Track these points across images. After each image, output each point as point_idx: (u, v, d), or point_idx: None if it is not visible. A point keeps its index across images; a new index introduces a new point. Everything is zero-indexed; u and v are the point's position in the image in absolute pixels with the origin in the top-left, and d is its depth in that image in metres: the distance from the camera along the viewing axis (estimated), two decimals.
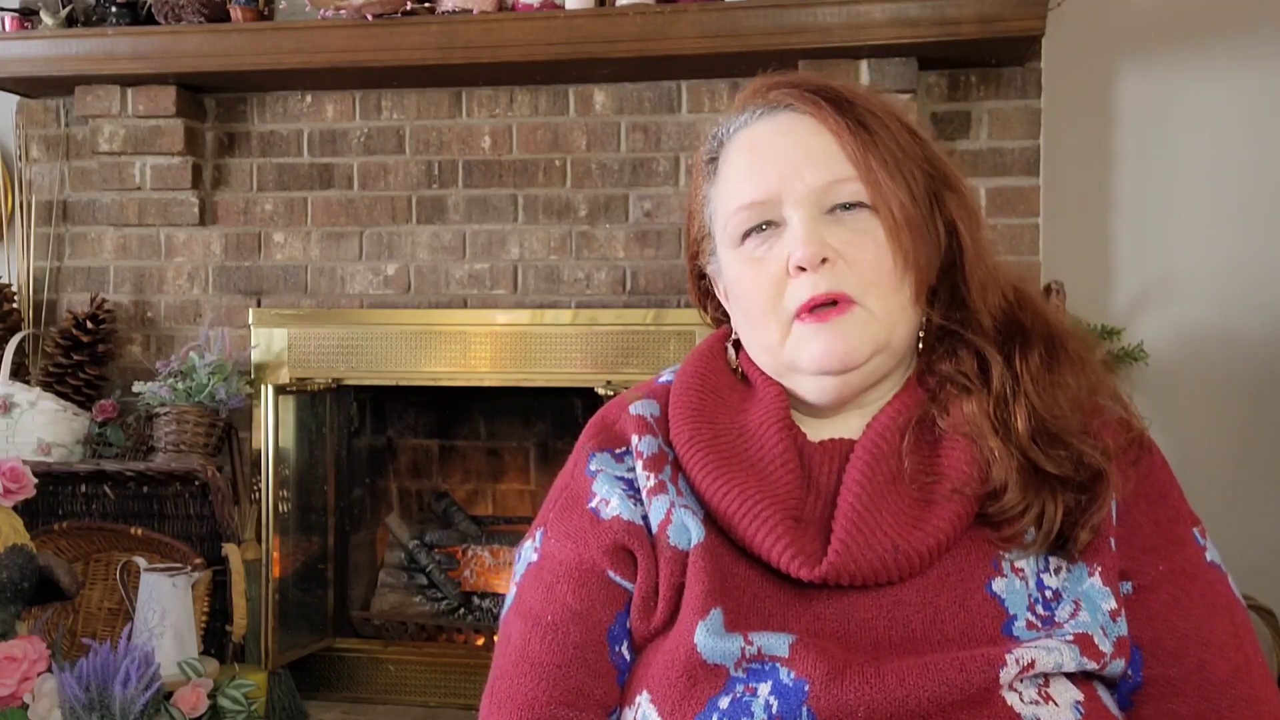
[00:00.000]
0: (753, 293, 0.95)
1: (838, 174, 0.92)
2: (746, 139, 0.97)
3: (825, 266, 0.91)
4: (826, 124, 0.93)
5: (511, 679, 0.92)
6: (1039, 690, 0.83)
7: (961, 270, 0.95)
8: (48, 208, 2.93)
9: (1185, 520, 0.94)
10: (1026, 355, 0.93)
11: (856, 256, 0.92)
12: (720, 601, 0.88)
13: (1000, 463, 0.88)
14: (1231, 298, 2.58)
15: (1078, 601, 0.87)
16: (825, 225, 0.92)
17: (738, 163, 0.97)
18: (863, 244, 0.92)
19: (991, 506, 0.89)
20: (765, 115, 0.97)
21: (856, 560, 0.86)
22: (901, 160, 0.93)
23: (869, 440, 0.93)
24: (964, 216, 0.96)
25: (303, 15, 2.68)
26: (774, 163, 0.94)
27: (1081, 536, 0.88)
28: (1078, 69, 2.61)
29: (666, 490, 0.94)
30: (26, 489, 2.17)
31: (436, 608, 2.95)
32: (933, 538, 0.87)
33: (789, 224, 0.93)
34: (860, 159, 0.92)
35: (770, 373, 0.99)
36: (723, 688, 0.85)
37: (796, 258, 0.91)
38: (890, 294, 0.92)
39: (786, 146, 0.94)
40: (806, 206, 0.92)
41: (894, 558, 0.87)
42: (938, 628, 0.86)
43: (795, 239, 0.92)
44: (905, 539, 0.87)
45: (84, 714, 2.01)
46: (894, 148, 0.93)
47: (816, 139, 0.93)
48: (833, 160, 0.93)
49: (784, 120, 0.96)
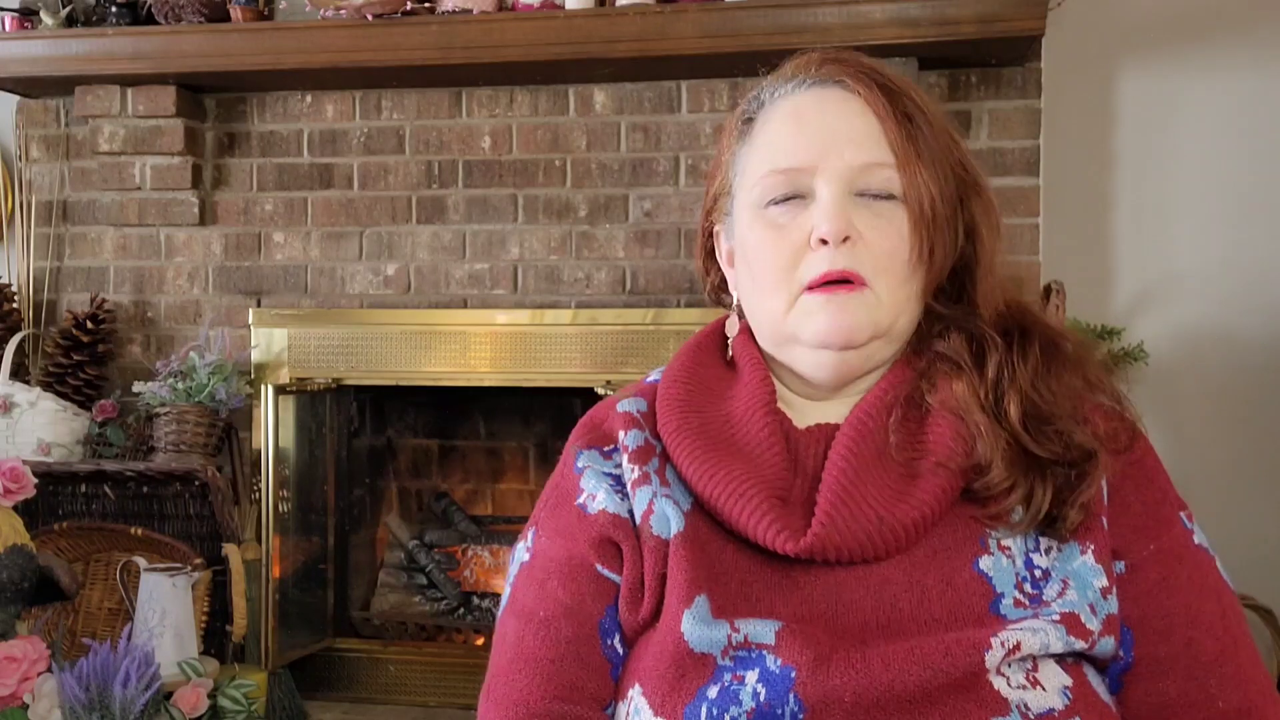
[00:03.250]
0: (768, 257, 0.95)
1: (877, 157, 0.93)
2: (791, 106, 0.97)
3: (846, 245, 0.92)
4: (875, 108, 0.94)
5: (507, 676, 0.93)
6: (1027, 675, 0.84)
7: (972, 274, 0.96)
8: (48, 208, 2.93)
9: (1173, 503, 0.94)
10: (1026, 348, 0.93)
11: (877, 241, 0.92)
12: (706, 588, 0.89)
13: (985, 438, 0.89)
14: (1231, 298, 2.58)
15: (1066, 580, 0.88)
16: (853, 206, 0.93)
17: (779, 128, 0.97)
18: (885, 231, 0.93)
19: (977, 482, 0.89)
20: (814, 87, 0.97)
21: (841, 533, 0.87)
22: (938, 157, 0.94)
23: (855, 419, 0.94)
24: (986, 222, 0.97)
25: (303, 15, 2.68)
26: (817, 134, 0.94)
27: (1071, 516, 0.88)
28: (1078, 69, 2.61)
29: (650, 481, 0.95)
30: (26, 489, 2.17)
31: (436, 608, 2.95)
32: (917, 510, 0.88)
33: (818, 198, 0.93)
34: (901, 148, 0.93)
35: (768, 344, 0.99)
36: (711, 676, 0.86)
37: (822, 230, 0.92)
38: (900, 284, 0.93)
39: (832, 121, 0.94)
40: (839, 184, 0.93)
41: (879, 530, 0.87)
42: (925, 607, 0.87)
43: (823, 213, 0.92)
44: (890, 511, 0.88)
45: (84, 714, 2.01)
46: (933, 144, 0.94)
47: (862, 120, 0.94)
48: (874, 143, 0.93)
49: (832, 95, 0.96)
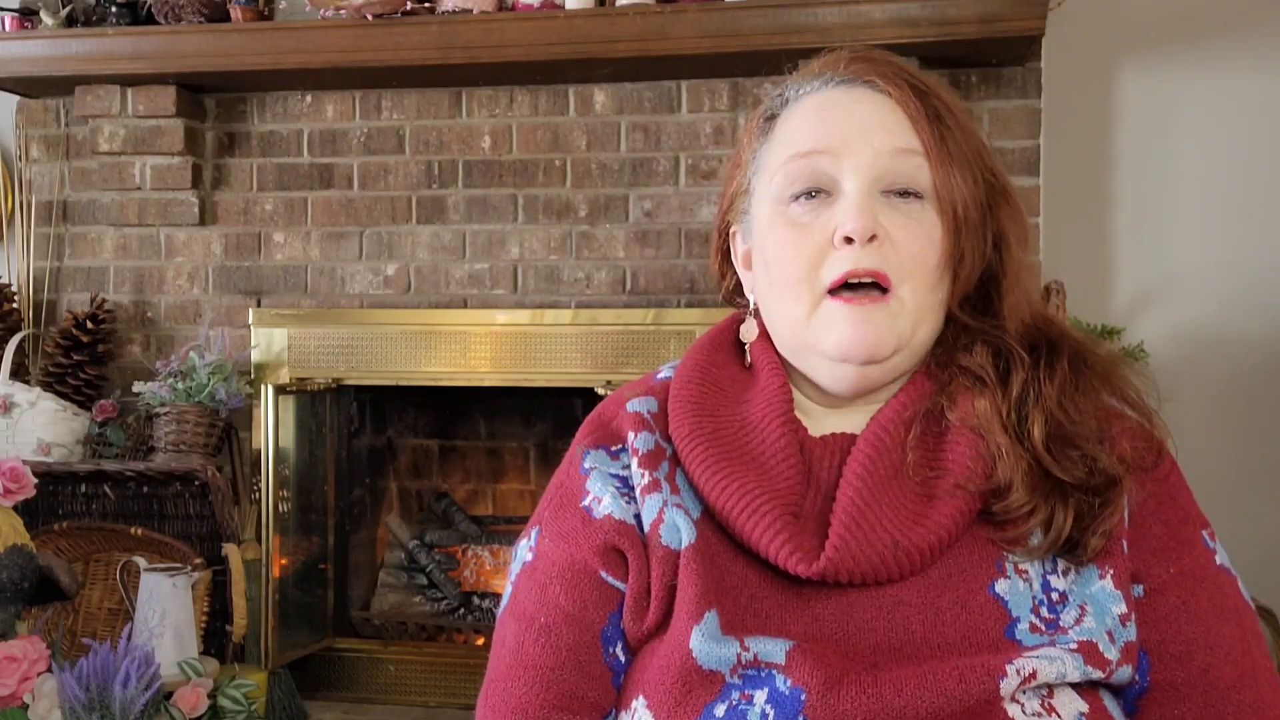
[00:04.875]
0: (789, 256, 0.92)
1: (908, 143, 0.90)
2: (817, 101, 0.94)
3: (873, 244, 0.88)
4: (906, 107, 0.91)
5: (506, 682, 0.91)
6: (1042, 702, 0.81)
7: (998, 285, 0.93)
8: (48, 208, 2.93)
9: (1195, 523, 0.91)
10: (1053, 364, 0.91)
11: (905, 242, 0.89)
12: (716, 603, 0.86)
13: (1006, 460, 0.86)
14: (1231, 297, 2.58)
15: (1084, 606, 0.85)
16: (880, 204, 0.90)
17: (803, 118, 0.94)
18: (913, 232, 0.89)
19: (996, 505, 0.86)
20: (842, 85, 0.94)
21: (855, 556, 0.84)
22: (970, 160, 0.91)
23: (872, 434, 0.91)
24: (1015, 231, 0.93)
25: (303, 15, 2.68)
26: (843, 123, 0.91)
27: (1093, 543, 0.85)
28: (1078, 69, 2.61)
29: (660, 488, 0.92)
30: (26, 489, 2.17)
31: (436, 608, 2.95)
32: (934, 534, 0.85)
33: (843, 194, 0.90)
34: (935, 146, 0.90)
35: (786, 350, 0.96)
36: (718, 694, 0.84)
37: (847, 228, 0.88)
38: (926, 290, 0.90)
39: (860, 113, 0.92)
40: (866, 177, 0.90)
41: (893, 554, 0.84)
42: (938, 630, 0.84)
43: (849, 210, 0.89)
44: (905, 535, 0.85)
45: (84, 714, 2.01)
46: (965, 147, 0.91)
47: (893, 116, 0.91)
48: (906, 131, 0.90)
49: (861, 93, 0.93)
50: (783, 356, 0.97)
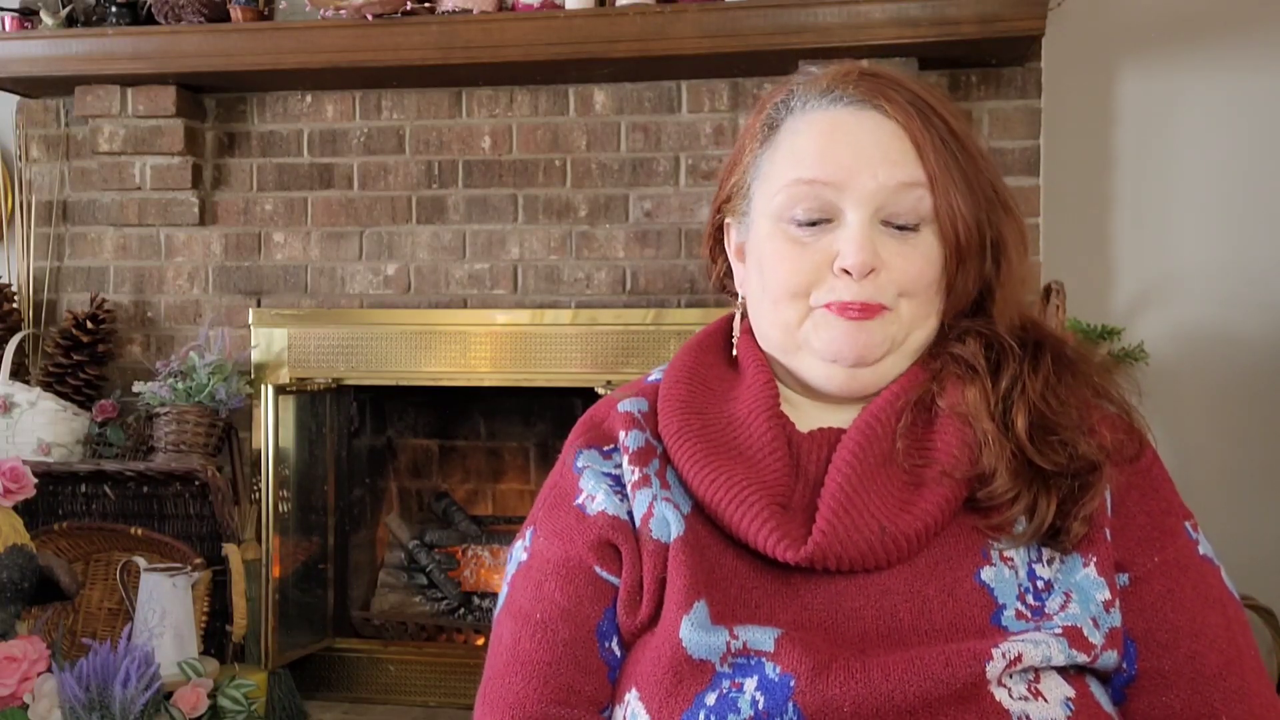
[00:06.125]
0: (786, 270, 0.94)
1: (910, 176, 0.91)
2: (825, 119, 0.95)
3: (870, 276, 0.91)
4: (912, 134, 0.92)
5: (503, 679, 0.92)
6: (1029, 686, 0.83)
7: (992, 292, 0.95)
8: (48, 208, 2.93)
9: (1178, 514, 0.94)
10: (1038, 360, 0.93)
11: (902, 268, 0.91)
12: (705, 594, 0.88)
13: (991, 448, 0.88)
14: (1231, 297, 2.58)
15: (1069, 593, 0.87)
16: (880, 234, 0.92)
17: (809, 139, 0.95)
18: (912, 258, 0.92)
19: (980, 492, 0.89)
20: (850, 107, 0.94)
21: (843, 542, 0.86)
22: (974, 183, 0.93)
23: (863, 422, 0.92)
24: (1014, 243, 0.95)
25: (303, 15, 2.68)
26: (850, 152, 0.92)
27: (1075, 528, 0.87)
28: (1078, 69, 2.61)
29: (650, 484, 0.94)
30: (26, 489, 2.17)
31: (436, 608, 2.95)
32: (920, 521, 0.87)
33: (846, 224, 0.92)
34: (939, 174, 0.91)
35: (774, 349, 0.98)
36: (709, 683, 0.85)
37: (848, 262, 0.90)
38: (921, 305, 0.93)
39: (868, 143, 0.92)
40: (868, 209, 0.91)
41: (881, 540, 0.86)
42: (926, 617, 0.86)
43: (850, 241, 0.91)
44: (892, 521, 0.87)
45: (84, 714, 2.01)
46: (970, 170, 0.93)
47: (899, 144, 0.92)
48: (910, 163, 0.92)
49: (869, 118, 0.93)
50: (770, 355, 0.99)
